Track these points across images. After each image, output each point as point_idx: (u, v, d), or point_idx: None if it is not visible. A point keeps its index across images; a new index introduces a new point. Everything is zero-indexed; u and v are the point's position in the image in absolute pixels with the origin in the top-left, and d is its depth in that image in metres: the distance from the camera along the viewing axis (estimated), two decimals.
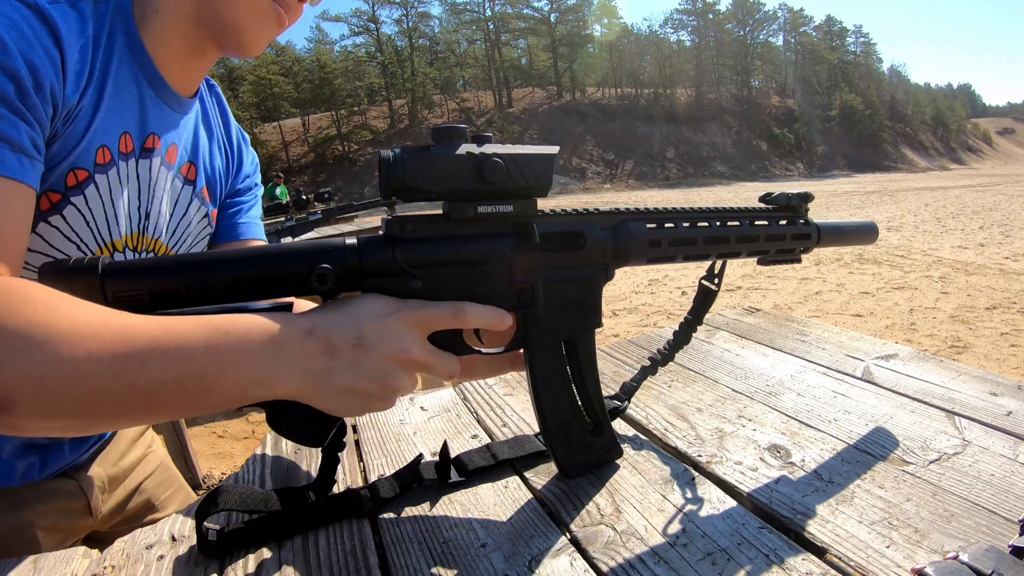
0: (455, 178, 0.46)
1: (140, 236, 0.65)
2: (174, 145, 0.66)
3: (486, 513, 0.59)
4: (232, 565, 0.54)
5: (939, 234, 8.51)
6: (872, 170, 44.81)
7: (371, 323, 0.45)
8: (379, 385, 0.46)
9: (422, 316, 0.47)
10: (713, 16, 59.34)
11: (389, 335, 0.46)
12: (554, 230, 0.52)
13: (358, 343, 0.45)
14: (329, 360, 0.45)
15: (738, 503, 0.57)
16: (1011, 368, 3.43)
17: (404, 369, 0.47)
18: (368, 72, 46.03)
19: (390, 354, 0.46)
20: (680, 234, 0.58)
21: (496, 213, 0.48)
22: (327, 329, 0.45)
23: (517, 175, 0.47)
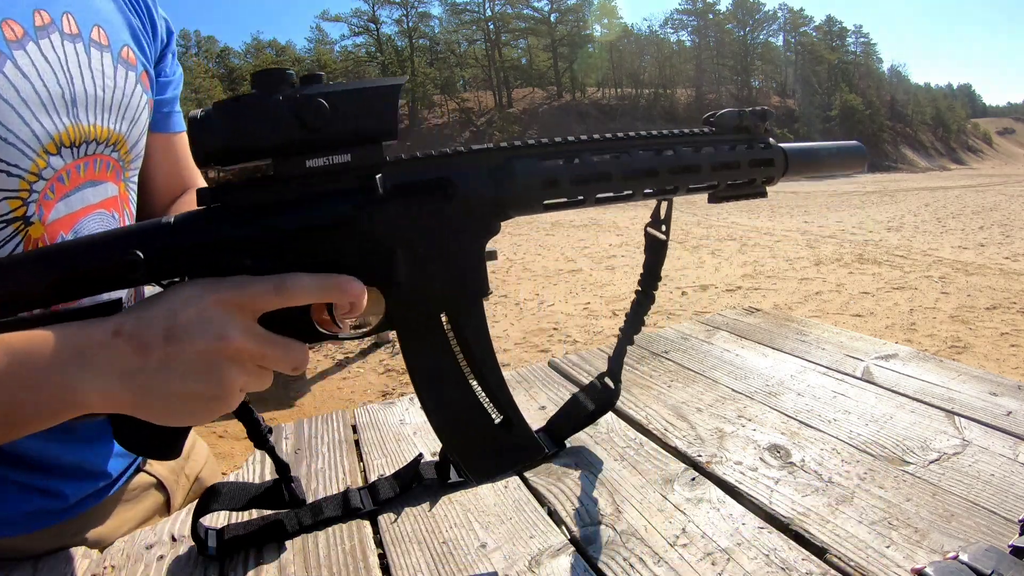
0: (276, 129, 0.38)
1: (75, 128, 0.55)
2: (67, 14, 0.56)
3: (486, 513, 0.59)
4: (232, 565, 0.54)
5: (939, 234, 8.51)
6: (872, 170, 44.81)
7: (183, 313, 0.38)
8: (205, 384, 0.39)
9: (240, 296, 0.39)
10: (713, 16, 59.37)
11: (204, 323, 0.38)
12: (411, 179, 0.42)
13: (169, 336, 0.38)
14: (140, 360, 0.38)
15: (738, 503, 0.57)
16: (1011, 368, 3.43)
17: (233, 362, 0.39)
18: (368, 72, 46.05)
19: (208, 346, 0.38)
20: (586, 170, 0.46)
21: (330, 166, 0.39)
22: (135, 326, 0.38)
23: (350, 116, 0.39)
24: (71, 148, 0.56)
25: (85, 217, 0.58)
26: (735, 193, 0.56)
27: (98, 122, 0.58)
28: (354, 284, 0.41)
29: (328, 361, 4.30)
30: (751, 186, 0.56)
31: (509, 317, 5.05)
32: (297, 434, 0.80)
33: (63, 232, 0.56)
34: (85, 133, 0.57)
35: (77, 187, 0.57)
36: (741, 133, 0.55)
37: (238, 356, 0.39)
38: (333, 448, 0.75)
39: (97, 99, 0.58)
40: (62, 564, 0.57)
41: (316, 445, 0.77)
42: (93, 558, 0.58)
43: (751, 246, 7.93)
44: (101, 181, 0.60)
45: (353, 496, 0.60)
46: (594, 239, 9.49)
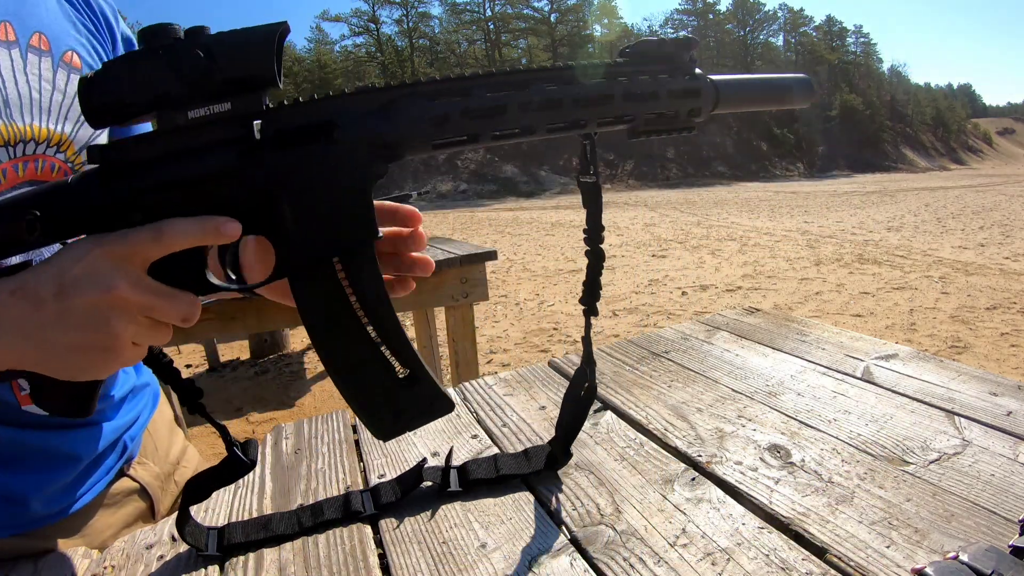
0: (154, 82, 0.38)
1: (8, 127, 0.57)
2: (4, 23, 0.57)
3: (486, 513, 0.59)
4: (232, 565, 0.54)
5: (939, 234, 8.51)
6: (872, 170, 44.80)
7: (71, 268, 0.40)
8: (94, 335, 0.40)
9: (123, 247, 0.40)
10: (713, 16, 59.37)
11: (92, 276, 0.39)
12: (293, 123, 0.41)
13: (60, 292, 0.39)
14: (36, 316, 0.40)
15: (738, 503, 0.57)
16: (1011, 368, 3.43)
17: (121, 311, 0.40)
18: (368, 72, 46.05)
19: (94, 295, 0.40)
20: (479, 104, 0.43)
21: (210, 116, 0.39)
22: (33, 283, 0.40)
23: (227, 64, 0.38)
24: (5, 147, 0.57)
25: None
26: (657, 127, 0.51)
27: (35, 123, 0.59)
28: (230, 224, 0.41)
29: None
30: (675, 120, 0.51)
31: (509, 317, 5.05)
32: (297, 434, 0.80)
33: None
34: (20, 132, 0.57)
35: (14, 186, 0.58)
36: (661, 63, 0.50)
37: (125, 306, 0.40)
38: (333, 448, 0.76)
39: (33, 101, 0.58)
40: (62, 564, 0.57)
41: (316, 445, 0.77)
42: (93, 558, 0.58)
43: (751, 246, 7.93)
44: (45, 182, 0.61)
45: (355, 499, 0.60)
46: None
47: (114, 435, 0.70)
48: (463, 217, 15.69)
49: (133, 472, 0.74)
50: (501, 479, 0.63)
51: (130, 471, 0.73)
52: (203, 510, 0.64)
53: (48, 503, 0.63)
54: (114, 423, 0.70)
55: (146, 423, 0.78)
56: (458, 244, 2.64)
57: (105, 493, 0.69)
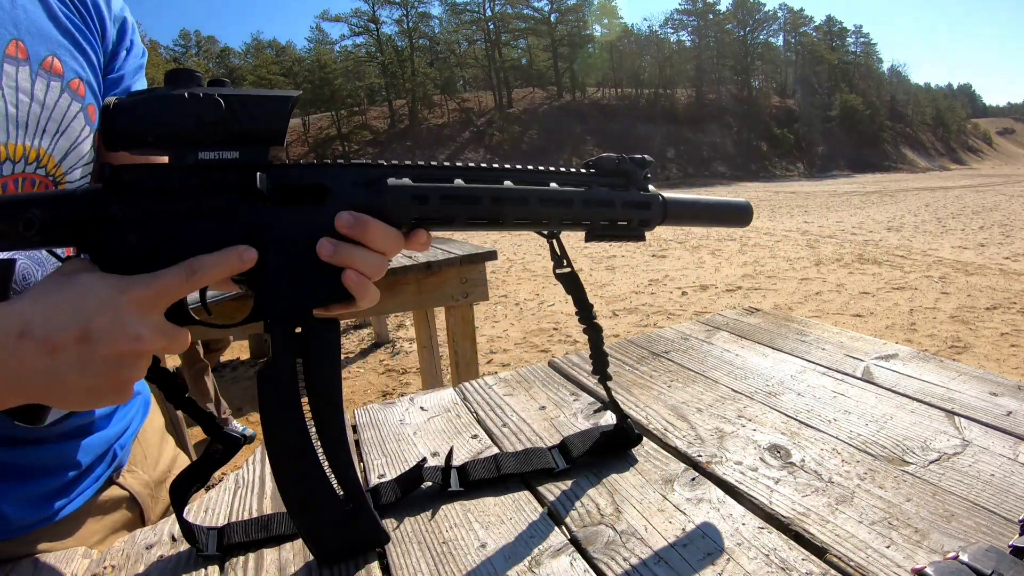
0: (174, 120, 0.42)
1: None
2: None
3: (486, 513, 0.59)
4: (232, 565, 0.54)
5: (939, 234, 8.52)
6: (872, 170, 44.81)
7: (99, 314, 0.39)
8: (112, 380, 0.41)
9: (155, 292, 0.41)
10: (713, 16, 59.35)
11: (120, 325, 0.40)
12: (290, 181, 0.45)
13: (83, 338, 0.39)
14: (51, 360, 0.39)
15: (738, 503, 0.57)
16: (1011, 368, 3.43)
17: (143, 358, 0.42)
18: (368, 72, 46.04)
19: (122, 346, 0.40)
20: (456, 191, 0.48)
21: (219, 160, 0.43)
22: (44, 326, 0.39)
23: (243, 116, 0.42)
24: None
25: None
26: (612, 233, 0.56)
27: (11, 140, 0.56)
28: (250, 251, 0.44)
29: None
30: (627, 228, 0.57)
31: (509, 317, 5.05)
32: None
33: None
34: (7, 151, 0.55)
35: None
36: (619, 177, 0.56)
37: (148, 353, 0.42)
38: None
39: (8, 116, 0.56)
40: (62, 564, 0.57)
41: None
42: (93, 558, 0.58)
43: (751, 246, 7.93)
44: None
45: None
46: None
47: (104, 445, 0.69)
48: None
49: (122, 480, 0.72)
50: (502, 478, 0.63)
51: (119, 479, 0.72)
52: (203, 510, 0.64)
53: (30, 510, 0.62)
54: (104, 433, 0.69)
55: (136, 431, 0.77)
56: (458, 244, 2.64)
57: (93, 501, 0.68)
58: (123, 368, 0.41)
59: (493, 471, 0.63)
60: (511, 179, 0.50)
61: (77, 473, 0.66)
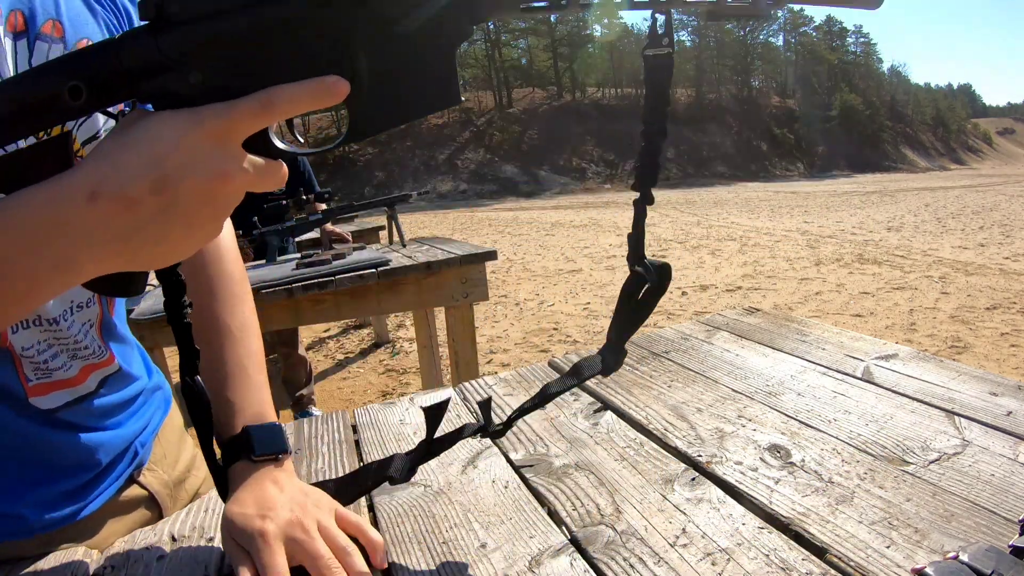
0: None
1: None
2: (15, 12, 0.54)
3: (486, 513, 0.59)
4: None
5: (939, 234, 8.52)
6: (872, 170, 44.82)
7: (169, 156, 0.35)
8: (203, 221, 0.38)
9: (227, 122, 0.36)
10: None
11: (197, 163, 0.35)
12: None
13: (159, 186, 0.35)
14: (131, 217, 0.35)
15: (738, 503, 0.57)
16: (1011, 368, 3.44)
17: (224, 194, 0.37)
18: None
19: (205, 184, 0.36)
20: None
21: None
22: (116, 185, 0.35)
23: None
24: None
25: None
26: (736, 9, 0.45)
27: None
28: (341, 83, 0.37)
29: (328, 361, 4.30)
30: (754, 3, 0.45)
31: (509, 317, 5.05)
32: (297, 434, 0.80)
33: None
34: None
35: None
36: None
37: (234, 189, 0.37)
38: (333, 448, 0.76)
39: None
40: (62, 564, 0.57)
41: (316, 445, 0.77)
42: (93, 558, 0.58)
43: (751, 246, 7.93)
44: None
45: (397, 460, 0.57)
46: (594, 239, 9.49)
47: (125, 443, 0.69)
48: (463, 217, 15.69)
49: (143, 479, 0.72)
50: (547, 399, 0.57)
51: (140, 477, 0.72)
52: (203, 510, 0.64)
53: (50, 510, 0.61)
54: (124, 430, 0.69)
55: (157, 428, 0.76)
56: (458, 244, 2.64)
57: (114, 500, 0.68)
58: (211, 207, 0.37)
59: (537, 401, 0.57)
60: None
61: (97, 472, 0.66)
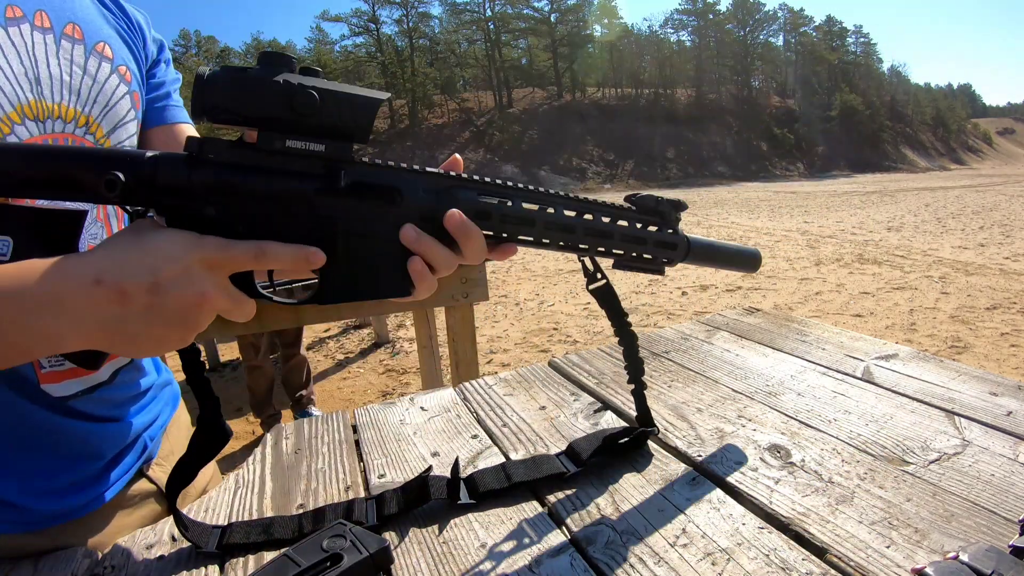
0: (267, 104, 0.43)
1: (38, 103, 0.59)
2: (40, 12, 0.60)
3: (486, 513, 0.59)
4: (232, 565, 0.54)
5: (939, 234, 8.51)
6: (872, 170, 44.82)
7: (168, 267, 0.42)
8: (177, 329, 0.44)
9: (223, 257, 0.44)
10: (713, 16, 59.34)
11: (187, 279, 0.42)
12: (368, 180, 0.48)
13: (153, 289, 0.41)
14: (121, 308, 0.41)
15: (738, 503, 0.57)
16: (1011, 368, 3.43)
17: (202, 312, 0.44)
18: (368, 72, 46.02)
19: (189, 299, 0.43)
20: (515, 212, 0.52)
21: (305, 150, 0.45)
22: (118, 275, 0.41)
23: (333, 111, 0.44)
24: (35, 121, 0.59)
25: None
26: (638, 265, 0.61)
27: (64, 102, 0.61)
28: (319, 254, 0.46)
29: (328, 361, 4.30)
30: (653, 263, 0.62)
31: (509, 317, 5.05)
32: (297, 434, 0.80)
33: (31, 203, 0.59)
34: (49, 110, 0.60)
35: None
36: (655, 216, 0.61)
37: (211, 309, 0.44)
38: (333, 448, 0.76)
39: (63, 82, 0.61)
40: (62, 564, 0.57)
41: (316, 445, 0.77)
42: (93, 558, 0.58)
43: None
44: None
45: (358, 507, 0.59)
46: None
47: (132, 435, 0.70)
48: None
49: (151, 473, 0.73)
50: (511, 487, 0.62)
51: (148, 471, 0.73)
52: (203, 510, 0.64)
53: (55, 502, 0.62)
54: (131, 422, 0.70)
55: (166, 423, 0.78)
56: None
57: (123, 494, 0.69)
58: (188, 320, 0.43)
59: (503, 480, 0.62)
60: (561, 206, 0.55)
61: (106, 463, 0.67)
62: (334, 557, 0.48)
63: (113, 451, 0.68)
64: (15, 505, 0.60)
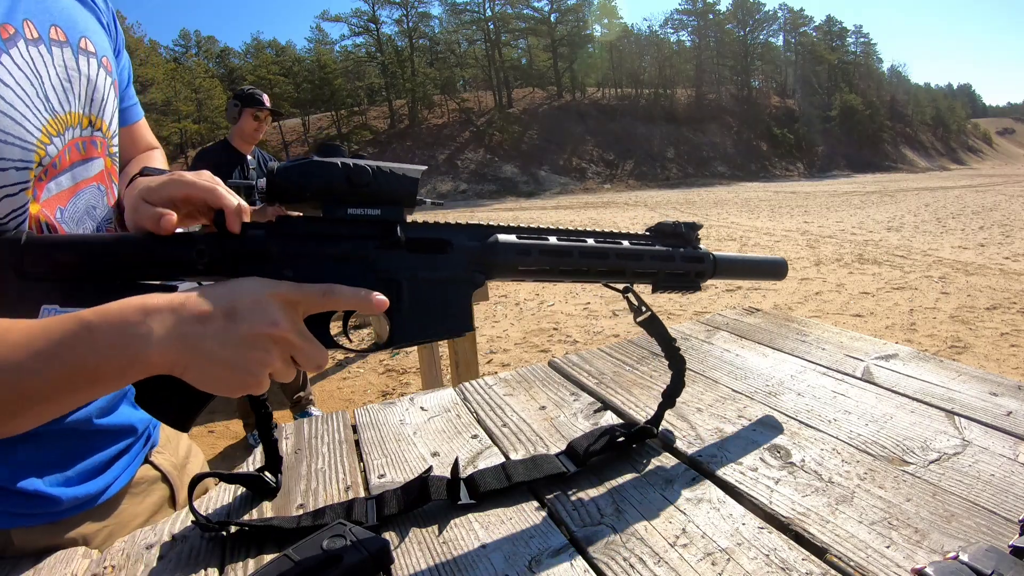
0: (329, 182, 0.51)
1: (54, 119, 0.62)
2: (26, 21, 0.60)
3: (487, 513, 0.59)
4: (232, 565, 0.54)
5: (939, 234, 8.51)
6: (872, 170, 44.80)
7: (245, 297, 0.47)
8: (247, 357, 0.46)
9: (295, 295, 0.49)
10: (713, 16, 59.32)
11: (261, 310, 0.47)
12: (421, 235, 0.56)
13: (230, 313, 0.46)
14: (201, 327, 0.45)
15: (738, 503, 0.57)
16: (1011, 368, 3.43)
17: (274, 344, 0.47)
18: (368, 72, 46.01)
19: (261, 327, 0.46)
20: (552, 247, 0.60)
21: (364, 215, 0.53)
22: (201, 299, 0.46)
23: (384, 182, 0.52)
24: (58, 136, 0.62)
25: (79, 192, 0.65)
26: (674, 284, 0.67)
27: (72, 109, 0.64)
28: (380, 297, 0.51)
29: (328, 361, 4.30)
30: (687, 279, 0.68)
31: (509, 317, 5.05)
32: (297, 434, 0.80)
33: (60, 206, 0.62)
34: (63, 121, 0.63)
35: (65, 168, 0.63)
36: (675, 238, 0.68)
37: (281, 342, 0.47)
38: (333, 448, 0.76)
39: (66, 90, 0.64)
40: (62, 564, 0.57)
41: (316, 445, 0.77)
42: (93, 558, 0.58)
43: (751, 246, 7.93)
44: (90, 159, 0.67)
45: (358, 507, 0.59)
46: None
47: (142, 424, 0.74)
48: (463, 217, 15.62)
49: (155, 459, 0.77)
50: (513, 487, 0.62)
51: (152, 458, 0.77)
52: (204, 508, 0.64)
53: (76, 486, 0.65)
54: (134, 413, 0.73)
55: None
56: None
57: (131, 482, 0.72)
58: (258, 348, 0.47)
59: (503, 480, 0.62)
60: (592, 238, 0.62)
61: (120, 450, 0.70)
62: (334, 557, 0.48)
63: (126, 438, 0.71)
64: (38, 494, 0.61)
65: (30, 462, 0.62)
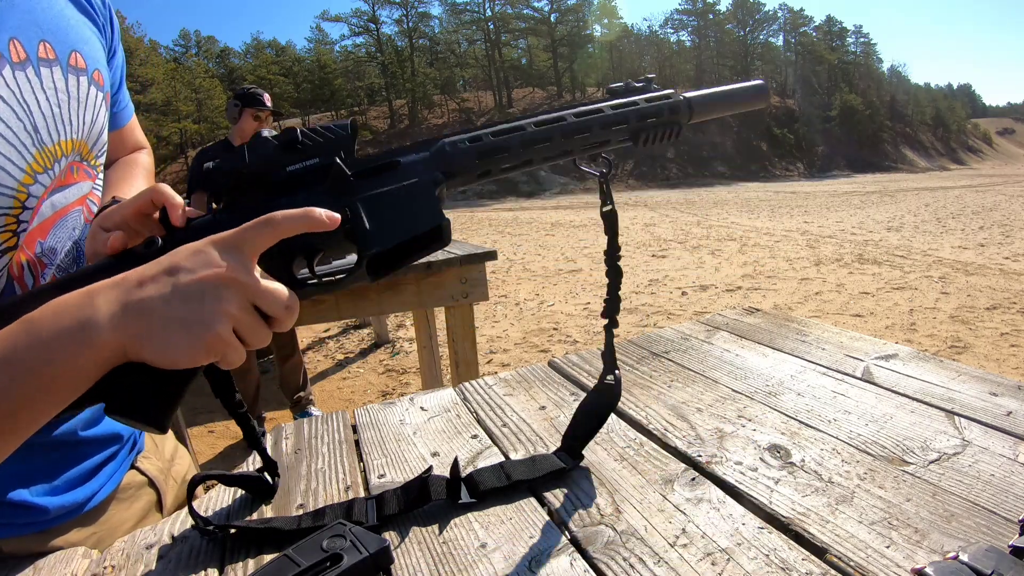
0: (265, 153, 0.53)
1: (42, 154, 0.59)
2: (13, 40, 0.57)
3: (486, 513, 0.59)
4: (232, 565, 0.54)
5: (939, 234, 8.52)
6: (872, 170, 44.82)
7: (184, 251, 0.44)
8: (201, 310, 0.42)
9: (233, 235, 0.45)
10: (713, 16, 59.35)
11: (203, 257, 0.43)
12: (367, 165, 0.55)
13: (171, 269, 0.43)
14: (144, 290, 0.42)
15: (738, 503, 0.57)
16: (1011, 368, 3.44)
17: (225, 288, 0.43)
18: (368, 72, 46.04)
19: (202, 272, 0.43)
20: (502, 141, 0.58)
21: (303, 167, 0.54)
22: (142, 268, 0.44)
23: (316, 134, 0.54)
24: (44, 173, 0.59)
25: (60, 220, 0.63)
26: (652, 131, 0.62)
27: (61, 138, 0.62)
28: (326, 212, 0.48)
29: (328, 361, 4.30)
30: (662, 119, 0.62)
31: (509, 317, 5.05)
32: (297, 434, 0.80)
33: (40, 239, 0.60)
34: (51, 153, 0.60)
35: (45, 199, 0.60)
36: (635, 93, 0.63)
37: (233, 284, 0.43)
38: (333, 448, 0.76)
39: (55, 116, 0.61)
40: (62, 564, 0.57)
41: (316, 445, 0.77)
42: (93, 558, 0.58)
43: (751, 246, 7.93)
44: (71, 184, 0.64)
45: (358, 507, 0.59)
46: (594, 239, 9.48)
47: (128, 431, 0.73)
48: (463, 217, 15.70)
49: (140, 465, 0.76)
50: (511, 485, 0.62)
51: (139, 464, 0.76)
52: (203, 509, 0.64)
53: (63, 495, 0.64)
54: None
55: None
56: (458, 244, 2.63)
57: (118, 488, 0.71)
58: (208, 298, 0.42)
59: (503, 479, 0.62)
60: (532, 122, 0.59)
61: (106, 457, 0.70)
62: (334, 557, 0.48)
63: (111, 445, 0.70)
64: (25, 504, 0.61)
65: (17, 474, 0.61)
